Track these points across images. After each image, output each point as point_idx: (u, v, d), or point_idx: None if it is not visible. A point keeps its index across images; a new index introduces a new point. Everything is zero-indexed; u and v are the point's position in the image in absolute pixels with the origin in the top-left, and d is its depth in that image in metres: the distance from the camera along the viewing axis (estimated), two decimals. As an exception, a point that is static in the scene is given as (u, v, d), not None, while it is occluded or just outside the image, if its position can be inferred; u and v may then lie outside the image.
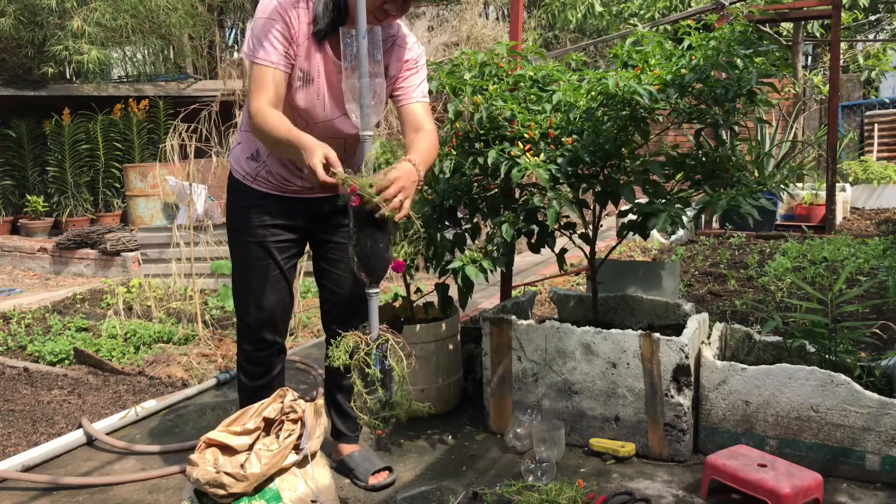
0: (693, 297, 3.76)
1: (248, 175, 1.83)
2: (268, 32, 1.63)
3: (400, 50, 1.79)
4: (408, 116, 1.77)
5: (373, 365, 1.50)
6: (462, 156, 2.35)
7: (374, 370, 1.50)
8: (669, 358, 2.03)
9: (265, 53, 1.63)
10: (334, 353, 1.51)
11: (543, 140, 2.23)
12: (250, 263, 1.84)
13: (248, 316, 1.87)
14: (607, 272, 2.60)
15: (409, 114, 1.77)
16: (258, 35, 1.64)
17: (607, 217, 7.03)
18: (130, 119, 7.28)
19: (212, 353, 3.39)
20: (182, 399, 2.75)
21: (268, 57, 1.63)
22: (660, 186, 2.20)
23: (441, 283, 2.49)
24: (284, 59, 1.65)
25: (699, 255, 4.91)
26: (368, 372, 1.50)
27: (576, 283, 4.44)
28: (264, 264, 1.84)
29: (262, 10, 1.65)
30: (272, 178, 1.82)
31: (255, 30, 1.65)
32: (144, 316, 3.99)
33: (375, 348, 1.52)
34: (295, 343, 3.51)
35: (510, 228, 2.15)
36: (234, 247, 1.86)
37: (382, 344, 1.53)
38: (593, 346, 2.13)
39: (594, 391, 2.15)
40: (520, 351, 2.24)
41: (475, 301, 4.00)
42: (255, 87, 1.64)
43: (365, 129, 1.52)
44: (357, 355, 1.51)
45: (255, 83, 1.64)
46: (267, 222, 1.83)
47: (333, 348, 1.52)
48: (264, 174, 1.82)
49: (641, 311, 2.53)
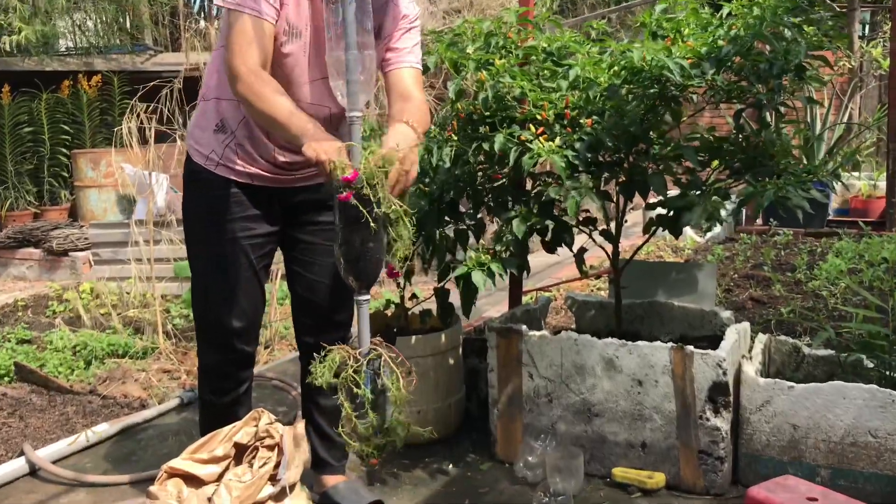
0: (732, 305, 3.76)
1: (210, 158, 1.81)
2: None
3: (395, 7, 1.79)
4: (397, 83, 1.76)
5: (363, 385, 1.48)
6: (465, 141, 2.35)
7: (365, 390, 1.48)
8: (705, 374, 2.03)
9: (254, 2, 1.59)
10: (317, 371, 1.50)
11: (559, 122, 2.23)
12: (219, 264, 1.83)
13: (217, 324, 1.87)
14: (633, 275, 2.60)
15: (399, 81, 1.76)
16: None
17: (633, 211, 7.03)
18: (80, 98, 7.27)
19: (174, 368, 3.39)
20: (140, 422, 2.74)
21: (255, 4, 1.59)
22: (694, 175, 2.20)
23: (440, 287, 2.49)
24: (273, 9, 1.62)
25: (739, 256, 4.91)
26: (358, 393, 1.49)
27: (596, 287, 4.44)
28: (235, 264, 1.84)
29: None
30: (239, 158, 1.80)
31: None
32: (97, 326, 3.99)
33: (366, 365, 1.51)
34: (271, 357, 3.51)
35: (521, 225, 2.15)
36: (196, 245, 1.86)
37: (374, 360, 1.52)
38: (616, 361, 2.13)
39: (617, 413, 2.15)
40: (531, 366, 2.24)
41: (480, 308, 3.99)
42: (238, 42, 1.59)
43: (352, 110, 1.51)
44: (344, 373, 1.50)
45: (237, 37, 1.59)
46: (237, 215, 1.81)
47: (317, 364, 1.52)
48: (231, 151, 1.79)
49: (672, 320, 2.54)
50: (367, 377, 1.51)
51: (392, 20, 1.79)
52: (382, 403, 1.53)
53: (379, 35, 1.75)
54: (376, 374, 1.51)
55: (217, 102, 1.80)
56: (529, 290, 3.54)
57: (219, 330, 1.88)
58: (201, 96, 1.86)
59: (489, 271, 2.12)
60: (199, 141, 1.83)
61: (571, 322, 3.46)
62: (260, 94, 1.59)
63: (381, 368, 1.52)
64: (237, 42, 1.61)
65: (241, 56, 1.60)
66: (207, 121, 1.82)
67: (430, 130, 2.38)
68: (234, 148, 1.80)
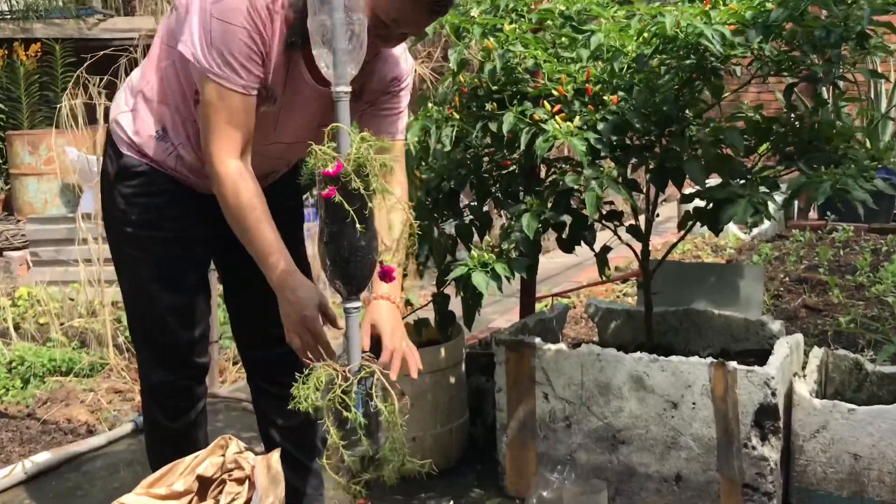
0: (782, 313, 3.77)
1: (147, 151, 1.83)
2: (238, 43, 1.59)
3: (384, 66, 1.80)
4: None
5: (353, 407, 1.48)
6: (468, 121, 2.35)
7: (356, 414, 1.48)
8: (750, 395, 2.03)
9: (236, 75, 1.60)
10: (300, 393, 1.49)
11: (578, 99, 2.23)
12: (164, 266, 1.86)
13: (166, 336, 1.89)
14: (666, 278, 2.60)
15: None
16: (224, 46, 1.59)
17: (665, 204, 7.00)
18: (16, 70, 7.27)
19: (127, 388, 3.39)
20: (87, 450, 2.74)
21: (240, 80, 1.61)
22: (737, 162, 2.20)
23: (439, 293, 2.49)
24: (259, 79, 1.65)
25: (791, 256, 4.91)
26: (348, 417, 1.49)
27: (622, 293, 4.44)
28: (183, 266, 1.87)
29: (226, 8, 1.58)
30: (182, 168, 1.83)
31: (216, 36, 1.58)
32: (35, 338, 3.99)
33: (357, 385, 1.51)
34: (240, 375, 3.51)
35: (533, 220, 2.15)
36: (134, 247, 1.87)
37: (366, 378, 1.51)
38: (646, 380, 2.13)
39: (647, 440, 2.15)
40: (546, 386, 2.24)
41: (485, 317, 4.00)
42: (220, 125, 1.61)
43: (339, 84, 1.51)
44: (332, 394, 1.50)
45: (219, 118, 1.61)
46: (179, 212, 1.84)
47: (299, 386, 1.51)
48: (174, 160, 1.82)
49: (712, 331, 2.54)
50: (358, 399, 1.50)
51: (378, 82, 1.80)
52: (375, 429, 1.53)
53: (359, 97, 1.76)
54: (368, 395, 1.51)
55: (161, 108, 1.81)
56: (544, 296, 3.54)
57: (168, 343, 1.90)
58: (135, 88, 1.84)
59: (493, 273, 2.11)
60: (130, 135, 1.84)
61: (593, 334, 3.46)
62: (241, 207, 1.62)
63: (373, 388, 1.51)
64: (218, 125, 1.62)
65: (225, 146, 1.62)
66: (144, 121, 1.82)
67: (428, 109, 2.38)
68: (176, 158, 1.82)
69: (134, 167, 1.83)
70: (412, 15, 1.61)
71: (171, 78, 1.76)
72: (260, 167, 1.76)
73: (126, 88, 1.88)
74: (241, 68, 1.61)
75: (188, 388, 1.96)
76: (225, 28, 1.59)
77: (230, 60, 1.60)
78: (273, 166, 1.92)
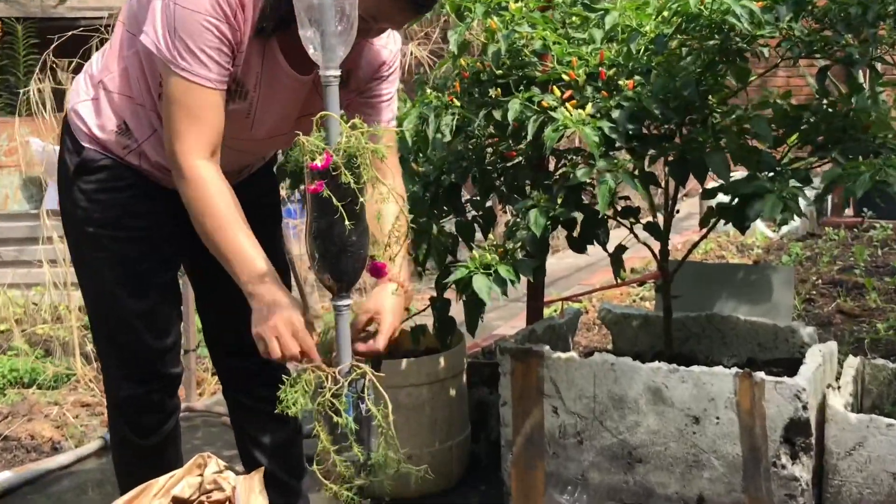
0: (815, 319, 3.77)
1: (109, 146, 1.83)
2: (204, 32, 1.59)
3: (370, 50, 1.81)
4: None
5: (343, 411, 1.50)
6: (469, 108, 2.34)
7: (347, 418, 1.50)
8: (779, 409, 2.03)
9: (203, 67, 1.60)
10: (288, 396, 1.52)
11: (591, 84, 2.23)
12: (130, 268, 1.85)
13: (136, 345, 1.89)
14: (687, 280, 2.60)
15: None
16: (188, 35, 1.58)
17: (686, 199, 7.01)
18: (-26, 53, 7.27)
19: (95, 401, 3.39)
20: (53, 469, 2.74)
21: (207, 73, 1.61)
22: (765, 153, 2.20)
23: (438, 297, 2.49)
24: (227, 72, 1.65)
25: (824, 256, 4.91)
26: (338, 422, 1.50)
27: (639, 296, 4.44)
28: (152, 267, 1.87)
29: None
30: (148, 166, 1.83)
31: (179, 24, 1.58)
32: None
33: (348, 387, 1.52)
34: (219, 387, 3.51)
35: (541, 216, 2.15)
36: (97, 248, 1.86)
37: (357, 381, 1.53)
38: (665, 392, 2.13)
39: (667, 458, 2.15)
40: (556, 398, 2.24)
41: (489, 324, 4.00)
42: (184, 123, 1.61)
43: (328, 68, 1.51)
44: (321, 398, 1.51)
45: (183, 114, 1.61)
46: (146, 209, 1.84)
47: (287, 389, 1.53)
48: (136, 157, 1.82)
49: (737, 338, 2.53)
50: (350, 402, 1.52)
51: (366, 68, 1.81)
52: (367, 434, 1.55)
53: (346, 84, 1.76)
54: (360, 398, 1.53)
55: (123, 100, 1.80)
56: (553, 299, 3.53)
57: (137, 352, 1.90)
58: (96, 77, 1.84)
59: (497, 276, 2.10)
60: (90, 127, 1.83)
61: (607, 341, 3.46)
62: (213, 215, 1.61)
63: (364, 390, 1.53)
64: (183, 123, 1.61)
65: (192, 146, 1.61)
66: (105, 114, 1.82)
67: (426, 95, 2.38)
68: (139, 156, 1.83)
69: (96, 161, 1.82)
70: (391, 12, 1.63)
71: (135, 68, 1.76)
72: (232, 163, 1.76)
73: (86, 75, 1.88)
74: (209, 60, 1.60)
75: (159, 402, 1.95)
76: (189, 16, 1.58)
77: (196, 51, 1.59)
78: (246, 161, 1.92)
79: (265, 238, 1.71)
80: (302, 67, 1.70)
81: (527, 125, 2.14)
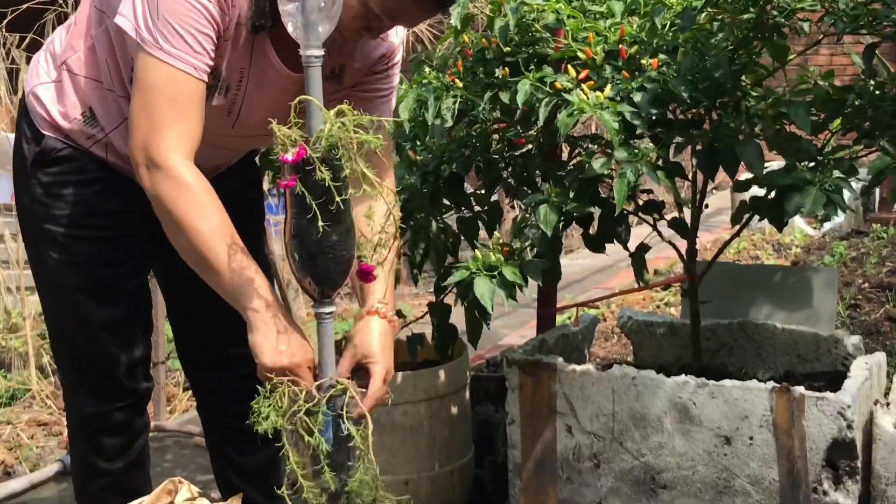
0: (861, 327, 3.76)
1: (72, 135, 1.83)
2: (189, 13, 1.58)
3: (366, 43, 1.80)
4: None
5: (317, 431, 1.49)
6: (473, 90, 2.35)
7: (319, 440, 1.49)
8: (821, 428, 2.03)
9: (191, 53, 1.59)
10: (261, 410, 1.51)
11: (610, 63, 2.23)
12: (95, 272, 1.85)
13: (99, 357, 1.89)
14: (717, 284, 2.60)
15: None
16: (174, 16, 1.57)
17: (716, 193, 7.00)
18: (-83, 28, 7.28)
19: (53, 420, 3.39)
20: (6, 497, 2.74)
21: (194, 60, 1.59)
22: (805, 141, 2.20)
23: (437, 303, 2.49)
24: (210, 58, 1.63)
25: (871, 256, 4.91)
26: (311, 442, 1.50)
27: (663, 302, 4.43)
28: (120, 271, 1.87)
29: None
30: (115, 159, 1.83)
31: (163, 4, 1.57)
32: (-59, 358, 3.99)
33: (326, 404, 1.52)
34: (192, 403, 3.51)
35: (553, 212, 2.15)
36: (57, 249, 1.86)
37: (337, 397, 1.53)
38: (693, 409, 2.13)
39: (694, 484, 2.15)
40: (570, 416, 2.24)
41: (495, 332, 3.99)
42: (172, 110, 1.59)
43: (309, 47, 1.52)
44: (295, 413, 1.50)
45: (171, 102, 1.59)
46: (113, 206, 1.84)
47: (260, 401, 1.53)
48: (101, 149, 1.83)
49: (774, 349, 2.53)
50: (327, 421, 1.51)
51: (363, 61, 1.80)
52: (344, 458, 1.53)
53: (340, 79, 1.76)
54: (339, 416, 1.52)
55: (90, 84, 1.80)
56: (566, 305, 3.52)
57: (102, 366, 1.89)
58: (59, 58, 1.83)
59: (502, 279, 2.10)
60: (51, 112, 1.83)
61: (628, 352, 3.46)
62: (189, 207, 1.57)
63: (345, 409, 1.53)
64: (167, 115, 1.58)
65: (173, 142, 1.58)
66: (70, 100, 1.81)
67: (425, 75, 2.38)
68: (105, 147, 1.83)
69: (57, 150, 1.82)
70: (412, 11, 1.62)
71: (104, 48, 1.75)
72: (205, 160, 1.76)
73: (46, 54, 1.87)
74: (197, 45, 1.59)
75: (126, 421, 1.95)
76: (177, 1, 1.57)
77: (183, 34, 1.57)
78: (221, 159, 1.93)
79: (248, 240, 1.70)
80: (294, 64, 1.69)
81: (537, 109, 2.14)
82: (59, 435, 3.27)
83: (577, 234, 2.27)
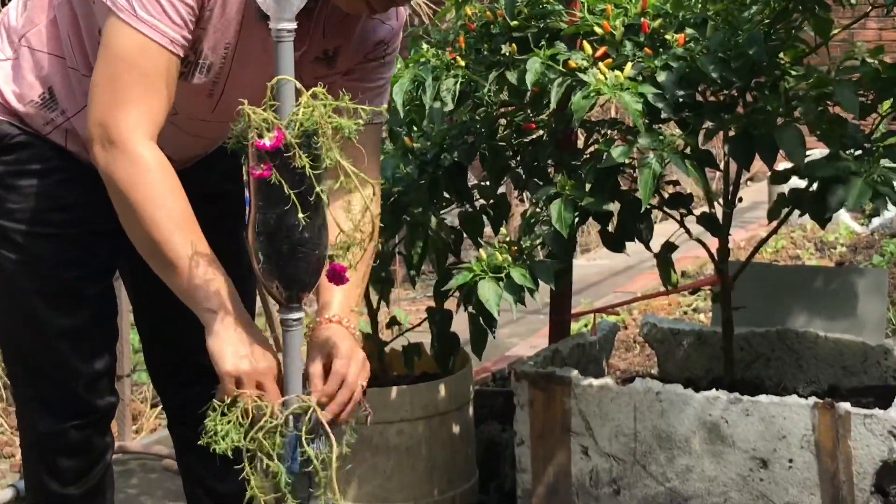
0: (913, 336, 3.76)
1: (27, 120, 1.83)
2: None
3: (368, 20, 1.80)
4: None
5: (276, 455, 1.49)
6: (477, 69, 2.35)
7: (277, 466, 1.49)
8: (869, 449, 2.03)
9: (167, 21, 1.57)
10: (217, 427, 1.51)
11: (631, 39, 2.23)
12: (53, 274, 1.86)
13: (57, 369, 1.89)
14: (752, 287, 2.60)
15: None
16: None
17: (751, 185, 6.98)
18: None
19: (5, 440, 3.39)
20: (-50, 527, 2.75)
21: (170, 31, 1.58)
22: (851, 126, 2.19)
23: (437, 308, 2.49)
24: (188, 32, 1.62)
25: (925, 257, 4.90)
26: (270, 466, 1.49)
27: (691, 307, 4.43)
28: (81, 274, 1.87)
29: None
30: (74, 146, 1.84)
31: None
32: None
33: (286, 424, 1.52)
34: (160, 421, 3.51)
35: (567, 208, 2.15)
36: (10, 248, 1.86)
37: (300, 415, 1.53)
38: (725, 428, 2.13)
39: (726, 513, 2.15)
40: (586, 436, 2.24)
41: (502, 341, 3.99)
42: (141, 85, 1.58)
43: (281, 20, 1.51)
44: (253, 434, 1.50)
45: (141, 76, 1.58)
46: (73, 199, 1.84)
47: (217, 417, 1.52)
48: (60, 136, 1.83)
49: (816, 360, 2.53)
50: (289, 444, 1.51)
51: (358, 45, 1.81)
52: (304, 487, 1.53)
53: (332, 62, 1.77)
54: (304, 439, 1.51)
55: (52, 62, 1.80)
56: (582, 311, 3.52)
57: (60, 379, 1.89)
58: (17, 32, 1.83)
59: (510, 282, 2.11)
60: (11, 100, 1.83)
61: (652, 364, 3.46)
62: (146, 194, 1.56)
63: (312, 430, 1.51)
64: (135, 90, 1.57)
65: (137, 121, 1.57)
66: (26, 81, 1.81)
67: (423, 53, 2.38)
68: (64, 133, 1.83)
69: (11, 136, 1.83)
70: None
71: (67, 20, 1.75)
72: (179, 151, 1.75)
73: (1, 29, 1.88)
74: (175, 14, 1.58)
75: (87, 441, 1.95)
76: None
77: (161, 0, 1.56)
78: (203, 148, 1.93)
79: (221, 237, 1.70)
80: None
81: (549, 90, 2.14)
82: (11, 457, 3.27)
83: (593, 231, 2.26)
